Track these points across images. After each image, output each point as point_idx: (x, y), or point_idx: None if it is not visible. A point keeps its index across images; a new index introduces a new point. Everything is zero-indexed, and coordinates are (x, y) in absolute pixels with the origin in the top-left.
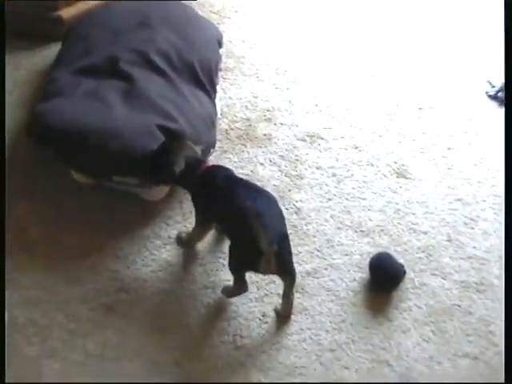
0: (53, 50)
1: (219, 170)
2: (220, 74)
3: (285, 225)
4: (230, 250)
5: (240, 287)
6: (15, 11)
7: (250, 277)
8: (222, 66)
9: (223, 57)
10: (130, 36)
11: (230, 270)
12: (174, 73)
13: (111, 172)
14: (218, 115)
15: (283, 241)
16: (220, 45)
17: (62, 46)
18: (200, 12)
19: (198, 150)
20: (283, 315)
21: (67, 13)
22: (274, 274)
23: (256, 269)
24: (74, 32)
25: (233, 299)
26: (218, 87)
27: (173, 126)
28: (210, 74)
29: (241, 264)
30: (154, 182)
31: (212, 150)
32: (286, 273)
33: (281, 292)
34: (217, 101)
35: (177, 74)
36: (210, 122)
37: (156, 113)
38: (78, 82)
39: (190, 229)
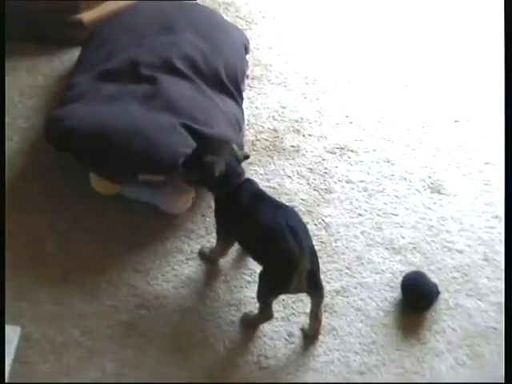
0: (72, 54)
1: (246, 184)
2: (247, 81)
3: (311, 240)
4: (261, 276)
5: (265, 315)
6: (33, 14)
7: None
8: (249, 73)
9: (249, 64)
10: (153, 40)
11: (259, 297)
12: (198, 78)
13: (136, 170)
14: (245, 123)
15: (313, 256)
16: (247, 51)
17: (83, 50)
18: (225, 17)
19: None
20: (311, 335)
21: (88, 16)
22: (304, 292)
23: (288, 289)
24: (94, 36)
25: None
26: (244, 95)
27: (198, 127)
28: (236, 80)
29: (272, 287)
30: (184, 178)
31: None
32: (316, 290)
33: (308, 311)
34: (244, 107)
35: (201, 79)
36: (237, 125)
37: (179, 113)
38: (97, 87)
39: (214, 243)
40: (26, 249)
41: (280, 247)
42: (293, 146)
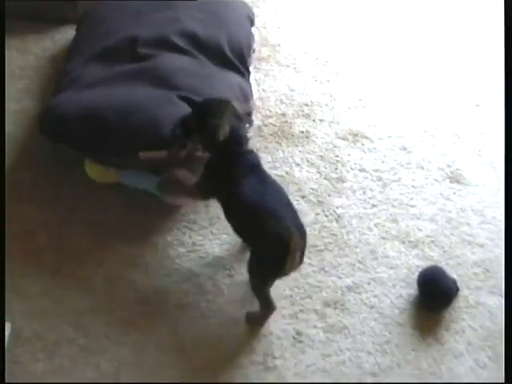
0: (66, 33)
1: (246, 155)
2: (253, 55)
3: (297, 214)
4: (250, 266)
5: (268, 309)
6: None
7: (284, 290)
8: (256, 54)
9: (256, 38)
10: (151, 16)
11: (253, 289)
12: (199, 52)
13: (136, 147)
14: (255, 97)
15: (303, 232)
16: (252, 23)
17: (77, 31)
18: None
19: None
20: None
21: None
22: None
23: (282, 272)
24: (89, 16)
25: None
26: (251, 69)
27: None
28: (241, 54)
29: (267, 273)
30: (186, 150)
31: (248, 127)
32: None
33: (318, 308)
34: (252, 81)
35: (202, 54)
36: (243, 95)
37: (177, 86)
38: (92, 71)
39: (217, 235)
40: (17, 241)
41: (268, 232)
42: (302, 132)
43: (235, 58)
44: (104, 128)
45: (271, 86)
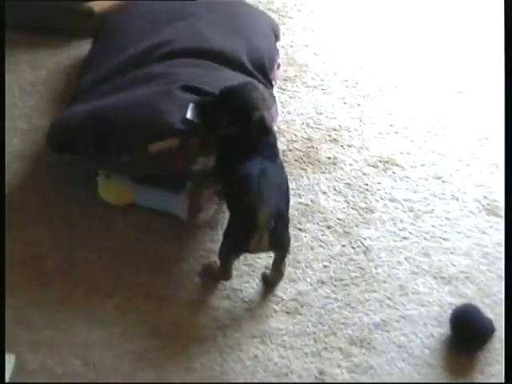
0: (81, 48)
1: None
2: (278, 72)
3: (287, 201)
4: (225, 231)
5: (223, 275)
6: (37, 1)
7: (307, 326)
8: (282, 73)
9: (283, 65)
10: (169, 26)
11: (220, 253)
12: (218, 62)
13: (146, 139)
14: (276, 104)
15: (279, 217)
16: (276, 36)
17: (93, 44)
18: None
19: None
20: (269, 283)
21: (99, 5)
22: (265, 251)
23: (248, 248)
24: (106, 27)
25: (284, 353)
26: (275, 85)
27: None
28: (263, 65)
29: (232, 243)
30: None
31: None
32: (278, 247)
33: (342, 346)
34: (275, 94)
35: (222, 64)
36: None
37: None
38: (106, 85)
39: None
40: (24, 266)
41: (244, 203)
42: (329, 158)
43: (255, 70)
44: (109, 126)
45: (297, 109)
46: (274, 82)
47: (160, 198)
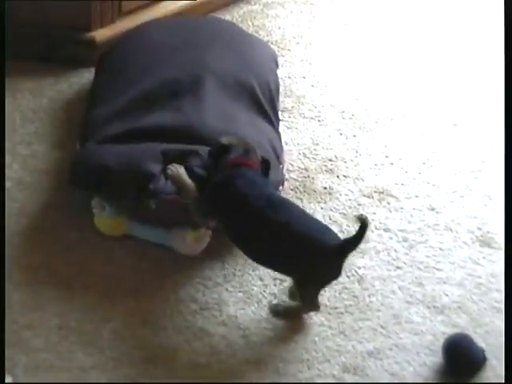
0: (81, 76)
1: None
2: (280, 101)
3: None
4: (300, 281)
5: (315, 307)
6: (40, 30)
7: (301, 353)
8: (280, 104)
9: (281, 96)
10: (177, 58)
11: (305, 297)
12: (232, 98)
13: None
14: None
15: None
16: (277, 65)
17: (96, 76)
18: None
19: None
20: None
21: (101, 35)
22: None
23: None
24: (108, 59)
25: (278, 379)
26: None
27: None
28: (272, 99)
29: (321, 282)
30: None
31: (280, 189)
32: None
33: (336, 373)
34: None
35: (235, 100)
36: (276, 156)
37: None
38: (124, 121)
39: (233, 291)
40: (21, 290)
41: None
42: (325, 188)
43: (266, 104)
44: (149, 179)
45: (294, 139)
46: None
47: (154, 232)
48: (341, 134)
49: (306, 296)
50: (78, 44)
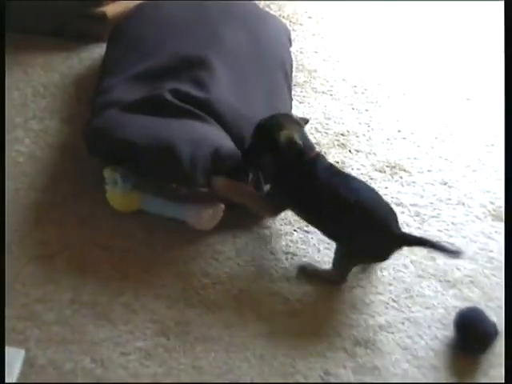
0: (92, 51)
1: (319, 159)
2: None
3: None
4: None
5: (343, 280)
6: (51, 5)
7: (313, 327)
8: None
9: (293, 70)
10: (192, 33)
11: (341, 265)
12: (245, 75)
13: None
14: None
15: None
16: (290, 41)
17: (109, 48)
18: None
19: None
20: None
21: (112, 9)
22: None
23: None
24: (121, 32)
25: (290, 353)
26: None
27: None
28: (286, 75)
29: (369, 255)
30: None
31: None
32: None
33: (347, 346)
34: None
35: (248, 77)
36: None
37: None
38: (138, 91)
39: (245, 264)
40: (33, 264)
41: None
42: (337, 163)
43: (280, 79)
44: (175, 161)
45: (306, 114)
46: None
47: (168, 206)
48: (353, 109)
49: (345, 267)
50: (89, 19)
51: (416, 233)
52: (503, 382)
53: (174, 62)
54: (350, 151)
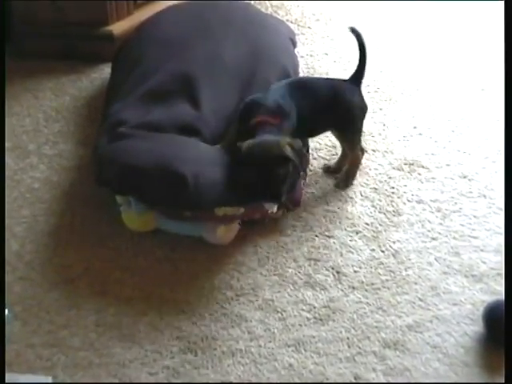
0: (102, 71)
1: None
2: None
3: None
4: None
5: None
6: (58, 28)
7: (340, 332)
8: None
9: (304, 74)
10: (193, 48)
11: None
12: (247, 92)
13: (220, 203)
14: None
15: None
16: (294, 44)
17: (113, 71)
18: None
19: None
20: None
21: (119, 28)
22: None
23: None
24: (123, 54)
25: (319, 360)
26: None
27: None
28: None
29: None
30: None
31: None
32: None
33: (376, 349)
34: None
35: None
36: None
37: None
38: (143, 112)
39: (267, 275)
40: (55, 290)
41: None
42: None
43: None
44: (181, 186)
45: None
46: None
47: (184, 226)
48: None
49: (352, 142)
50: (97, 39)
51: (438, 229)
52: (503, 382)
53: (174, 84)
54: (366, 151)
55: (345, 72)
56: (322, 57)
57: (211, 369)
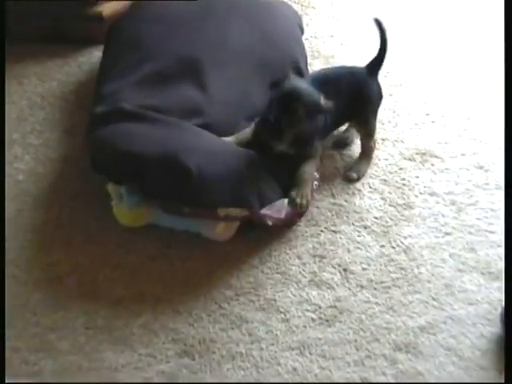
0: (91, 55)
1: None
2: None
3: None
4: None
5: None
6: (43, 9)
7: (348, 334)
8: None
9: (308, 58)
10: (195, 31)
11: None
12: (252, 78)
13: (218, 203)
14: None
15: None
16: (302, 31)
17: (106, 50)
18: None
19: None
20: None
21: (109, 8)
22: None
23: None
24: (118, 32)
25: (325, 363)
26: None
27: None
28: (300, 72)
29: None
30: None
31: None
32: None
33: (387, 352)
34: None
35: (255, 80)
36: None
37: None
38: (143, 96)
39: (268, 275)
40: (41, 290)
41: None
42: None
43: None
44: (186, 180)
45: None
46: None
47: (181, 220)
48: None
49: (370, 130)
50: (85, 20)
51: (453, 223)
52: (503, 382)
53: (176, 67)
54: (375, 140)
55: (351, 56)
56: (327, 39)
57: (209, 373)
